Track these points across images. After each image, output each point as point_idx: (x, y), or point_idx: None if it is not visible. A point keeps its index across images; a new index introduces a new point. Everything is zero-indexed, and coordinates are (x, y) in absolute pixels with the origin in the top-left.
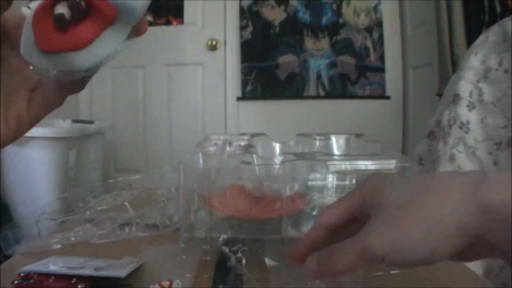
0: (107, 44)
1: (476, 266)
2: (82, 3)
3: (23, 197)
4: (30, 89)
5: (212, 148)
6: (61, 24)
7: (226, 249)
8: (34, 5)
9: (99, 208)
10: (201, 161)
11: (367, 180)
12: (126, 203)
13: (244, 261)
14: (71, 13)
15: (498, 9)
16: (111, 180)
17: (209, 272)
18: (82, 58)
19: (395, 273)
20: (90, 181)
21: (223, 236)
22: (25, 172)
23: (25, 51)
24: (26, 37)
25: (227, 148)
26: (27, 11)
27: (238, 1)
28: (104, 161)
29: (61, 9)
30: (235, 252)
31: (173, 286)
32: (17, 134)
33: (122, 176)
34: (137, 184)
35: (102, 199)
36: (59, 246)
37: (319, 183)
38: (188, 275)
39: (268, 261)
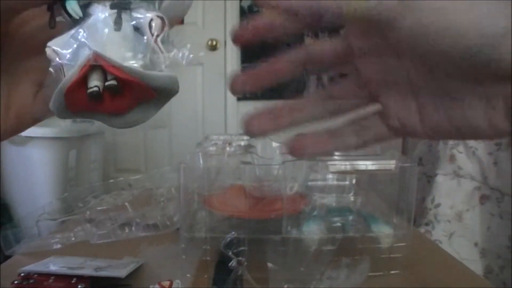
0: (143, 114)
1: (476, 266)
2: (119, 85)
3: (23, 197)
4: (38, 84)
5: (212, 148)
6: (96, 99)
7: (228, 251)
8: (66, 69)
9: (99, 208)
10: (201, 161)
11: None
12: (126, 203)
13: (245, 263)
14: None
15: None
16: (111, 180)
17: (209, 272)
18: (115, 122)
19: (395, 273)
20: (90, 181)
21: (225, 238)
22: (25, 172)
23: (55, 110)
24: (57, 100)
25: (227, 148)
26: (54, 56)
27: (238, 1)
28: (104, 161)
29: (95, 81)
30: (237, 255)
31: (173, 286)
32: (15, 132)
33: (122, 176)
34: (137, 184)
35: (102, 199)
36: (59, 246)
37: (319, 183)
38: (188, 275)
39: (268, 263)
